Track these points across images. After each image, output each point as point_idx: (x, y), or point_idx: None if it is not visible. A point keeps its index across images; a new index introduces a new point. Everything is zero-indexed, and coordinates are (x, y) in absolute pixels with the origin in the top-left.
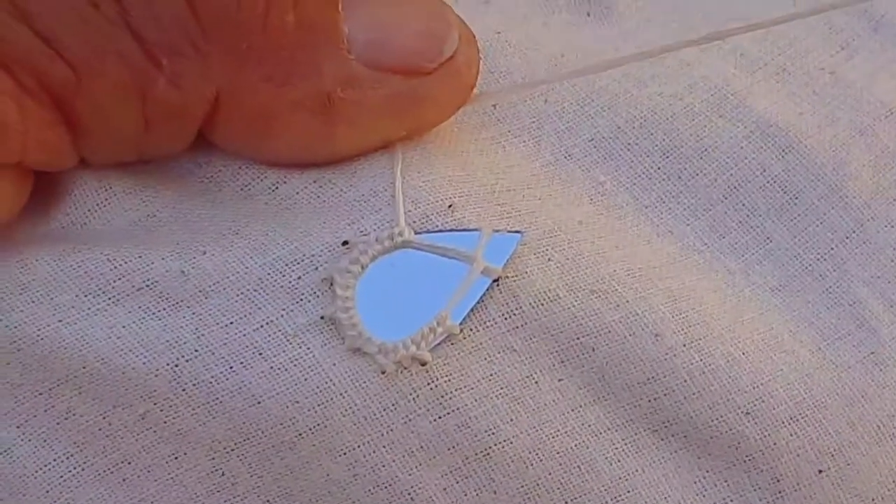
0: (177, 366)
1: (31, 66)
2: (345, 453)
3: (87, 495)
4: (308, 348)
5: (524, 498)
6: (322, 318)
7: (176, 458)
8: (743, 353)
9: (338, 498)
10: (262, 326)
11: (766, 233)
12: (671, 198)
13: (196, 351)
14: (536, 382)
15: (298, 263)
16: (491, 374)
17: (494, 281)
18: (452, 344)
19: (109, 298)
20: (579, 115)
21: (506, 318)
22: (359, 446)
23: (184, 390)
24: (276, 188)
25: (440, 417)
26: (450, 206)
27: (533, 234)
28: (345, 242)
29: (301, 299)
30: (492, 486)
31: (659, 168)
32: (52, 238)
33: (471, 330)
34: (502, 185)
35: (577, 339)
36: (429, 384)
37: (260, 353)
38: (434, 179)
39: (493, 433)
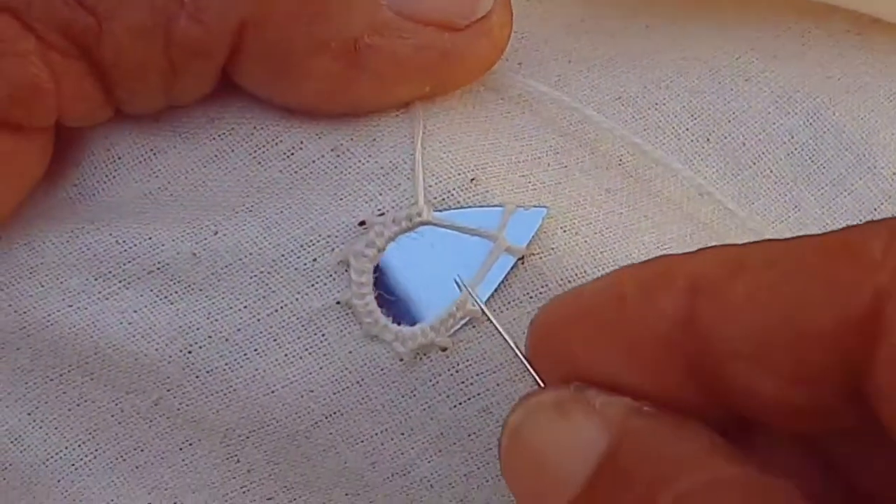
0: (190, 352)
1: (51, 20)
2: (362, 441)
3: (99, 483)
4: (323, 335)
5: None
6: (338, 302)
7: (190, 444)
8: None
9: (355, 486)
10: (276, 311)
11: (794, 200)
12: (700, 159)
13: (209, 337)
14: None
15: (313, 245)
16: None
17: (519, 259)
18: (474, 327)
19: (120, 282)
20: (605, 74)
21: (531, 298)
22: (376, 434)
23: (197, 377)
24: (292, 154)
25: (461, 403)
26: (472, 179)
27: (559, 207)
28: (361, 223)
29: (316, 282)
30: None
31: (687, 129)
32: (59, 212)
33: (494, 311)
34: (527, 154)
35: None
36: (449, 370)
37: (275, 340)
38: (456, 150)
39: None
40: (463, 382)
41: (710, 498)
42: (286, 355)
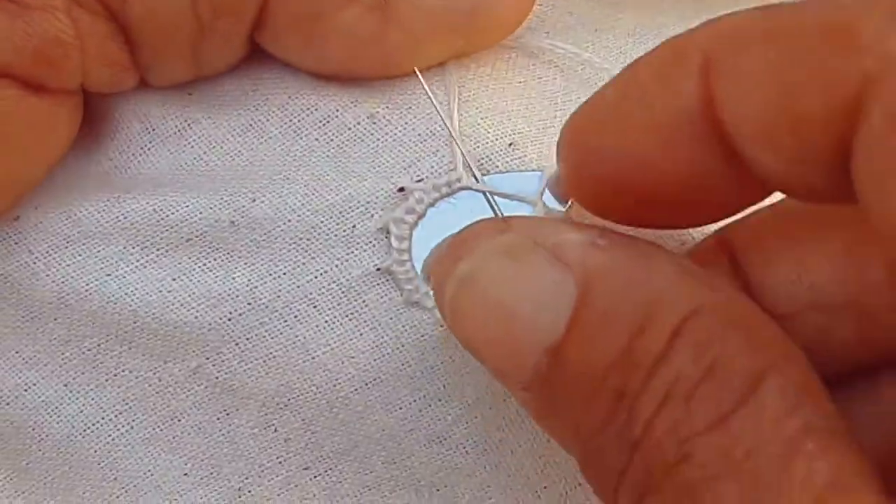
0: (230, 319)
1: None
2: (400, 408)
3: (135, 454)
4: (363, 301)
5: None
6: (378, 269)
7: (227, 414)
8: None
9: (391, 453)
10: (315, 278)
11: None
12: None
13: (249, 304)
14: None
15: (352, 211)
16: None
17: None
18: None
19: (158, 250)
20: (630, 42)
21: None
22: (414, 401)
23: (237, 344)
24: (328, 122)
25: None
26: (510, 144)
27: None
28: (400, 189)
29: (356, 249)
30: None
31: None
32: (95, 183)
33: None
34: (560, 117)
35: None
36: None
37: (314, 306)
38: (492, 115)
39: None
40: None
41: (704, 327)
42: (326, 322)
